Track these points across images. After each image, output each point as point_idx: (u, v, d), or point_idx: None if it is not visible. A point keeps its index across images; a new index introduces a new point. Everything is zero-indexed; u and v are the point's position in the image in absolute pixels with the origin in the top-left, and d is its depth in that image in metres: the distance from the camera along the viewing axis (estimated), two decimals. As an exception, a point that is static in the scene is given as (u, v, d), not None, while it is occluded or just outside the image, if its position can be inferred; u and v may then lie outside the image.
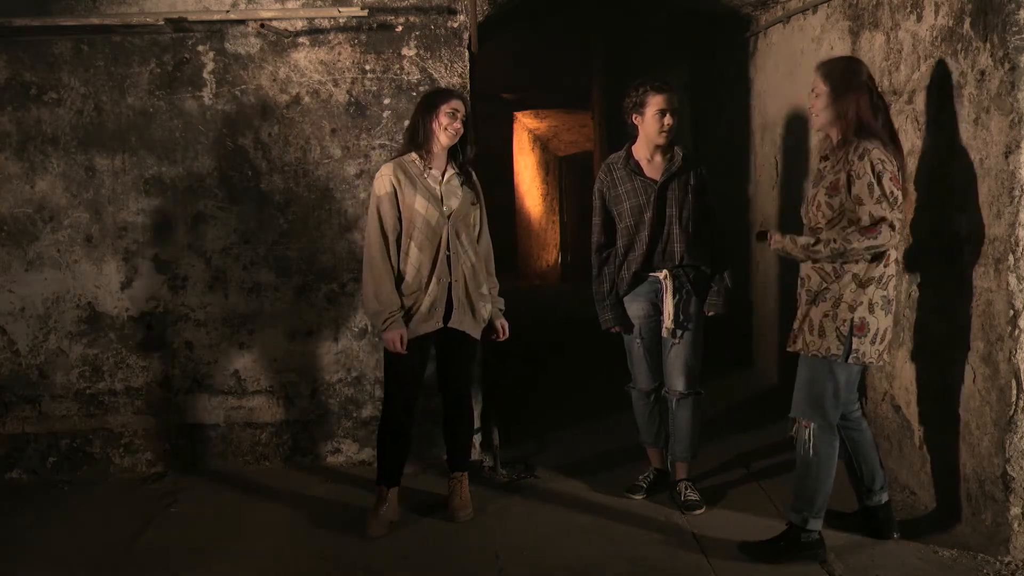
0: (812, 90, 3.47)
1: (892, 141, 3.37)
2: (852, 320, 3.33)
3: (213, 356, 4.62)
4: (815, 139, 4.83)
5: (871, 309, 3.33)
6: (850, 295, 3.33)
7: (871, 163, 3.26)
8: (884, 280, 3.35)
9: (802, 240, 3.42)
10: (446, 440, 4.12)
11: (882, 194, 3.25)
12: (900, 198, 3.29)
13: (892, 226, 3.25)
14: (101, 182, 4.53)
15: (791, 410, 3.51)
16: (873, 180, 3.26)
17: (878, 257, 3.32)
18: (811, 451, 3.42)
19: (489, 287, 4.02)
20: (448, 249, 3.81)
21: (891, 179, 3.26)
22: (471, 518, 3.97)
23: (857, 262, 3.33)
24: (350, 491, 4.31)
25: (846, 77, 3.39)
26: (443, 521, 3.96)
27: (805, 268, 3.47)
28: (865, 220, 3.27)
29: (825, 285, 3.38)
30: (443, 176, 3.86)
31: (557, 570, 3.51)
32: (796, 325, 3.50)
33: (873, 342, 3.35)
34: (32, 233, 4.53)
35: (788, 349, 3.54)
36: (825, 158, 3.47)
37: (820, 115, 3.44)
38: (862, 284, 3.33)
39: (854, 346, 3.33)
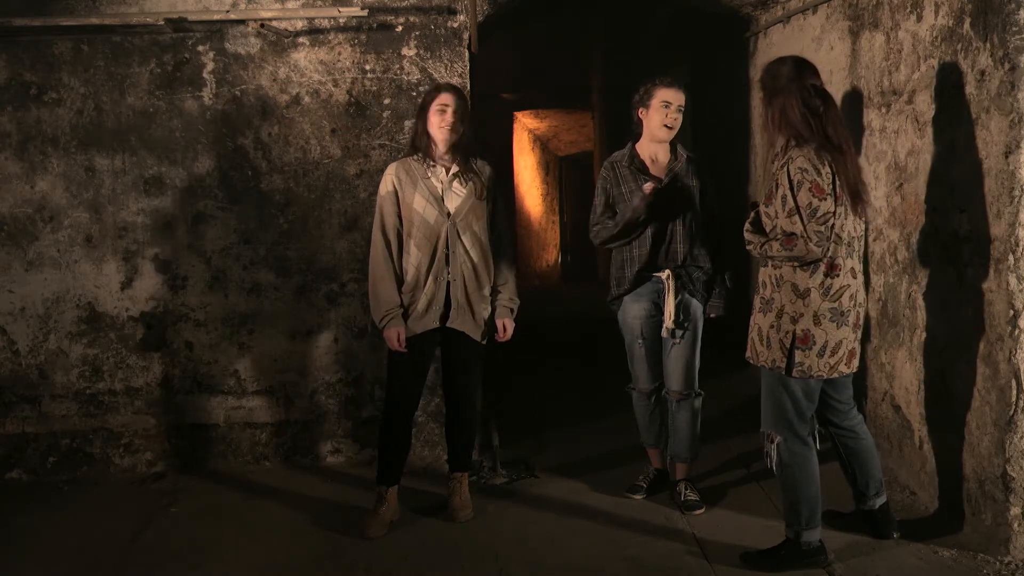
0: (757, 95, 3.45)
1: (832, 144, 3.23)
2: (794, 332, 3.27)
3: (213, 356, 4.62)
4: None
5: (816, 321, 3.25)
6: (791, 306, 3.28)
7: (789, 174, 3.20)
8: (833, 292, 3.26)
9: (745, 232, 3.41)
10: (447, 440, 4.12)
11: (794, 207, 3.17)
12: (824, 207, 3.15)
13: (808, 239, 3.15)
14: (101, 182, 4.53)
15: (761, 424, 3.48)
16: (788, 192, 3.19)
17: (811, 266, 3.23)
18: (780, 465, 3.39)
19: (499, 284, 3.97)
20: (447, 248, 3.80)
21: (811, 189, 3.16)
22: (471, 518, 3.97)
23: (794, 270, 3.27)
24: (350, 491, 4.31)
25: (773, 80, 3.32)
26: (443, 521, 3.96)
27: (762, 275, 3.42)
28: (779, 233, 3.24)
29: (772, 295, 3.35)
30: (448, 173, 3.85)
31: (557, 570, 3.51)
32: (748, 333, 3.47)
33: (821, 355, 3.27)
34: (32, 233, 4.53)
35: (745, 357, 3.51)
36: (772, 163, 3.40)
37: (761, 120, 3.42)
38: (801, 295, 3.26)
39: (797, 359, 3.27)
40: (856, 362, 3.40)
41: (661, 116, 3.95)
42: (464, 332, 3.88)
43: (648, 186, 3.89)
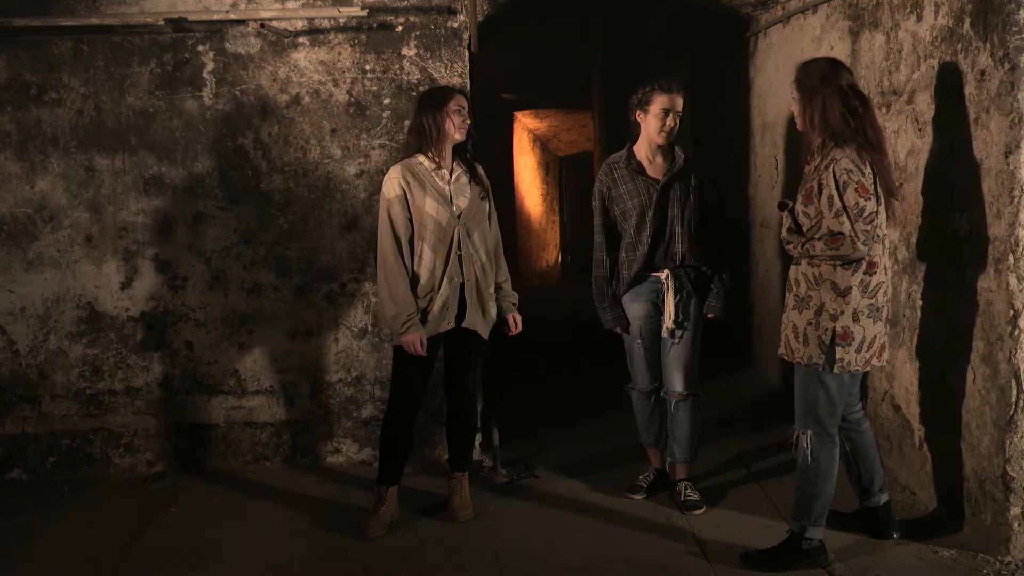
0: (791, 94, 3.47)
1: (871, 144, 3.28)
2: (834, 329, 3.29)
3: (213, 356, 4.62)
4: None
5: (855, 318, 3.29)
6: (831, 304, 3.30)
7: (834, 174, 3.22)
8: (872, 288, 3.30)
9: (784, 233, 3.43)
10: (449, 440, 4.12)
11: (842, 207, 3.20)
12: (870, 207, 3.20)
13: (856, 238, 3.19)
14: (101, 182, 4.53)
15: (795, 420, 3.50)
16: (835, 193, 3.22)
17: (853, 264, 3.27)
18: (808, 458, 3.40)
19: (500, 280, 4.02)
20: (459, 249, 3.81)
21: (857, 189, 3.19)
22: (471, 518, 3.97)
23: (834, 268, 3.29)
24: (350, 491, 4.31)
25: (811, 80, 3.35)
26: (443, 521, 3.96)
27: (794, 272, 3.44)
28: (826, 232, 3.26)
29: (809, 292, 3.36)
30: (451, 175, 3.86)
31: (557, 570, 3.51)
32: (781, 329, 3.49)
33: (859, 350, 3.31)
34: (32, 233, 4.53)
35: (778, 354, 3.54)
36: (807, 162, 3.43)
37: (797, 120, 3.43)
38: (841, 293, 3.28)
39: (838, 355, 3.30)
40: (886, 355, 3.44)
41: (659, 123, 3.95)
42: (473, 331, 3.89)
43: (627, 332, 4.07)
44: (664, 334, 4.01)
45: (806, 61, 3.51)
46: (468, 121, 3.84)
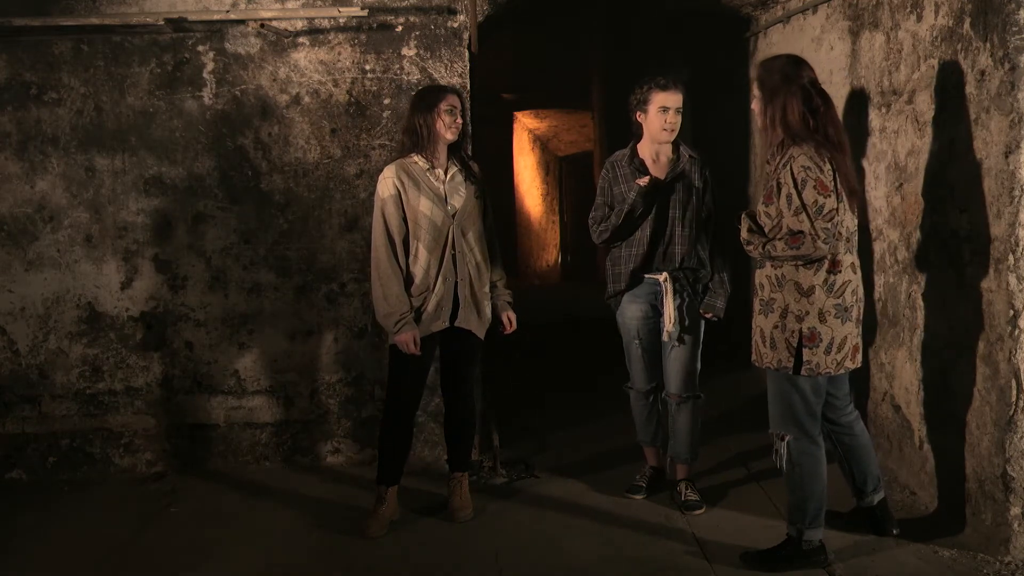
0: (752, 92, 3.45)
1: (831, 142, 3.25)
2: (800, 331, 3.27)
3: (213, 356, 4.62)
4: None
5: (822, 318, 3.26)
6: (795, 305, 3.27)
7: (792, 172, 3.20)
8: (837, 288, 3.27)
9: (744, 233, 3.39)
10: (447, 440, 4.12)
11: (801, 205, 3.18)
12: (829, 204, 3.16)
13: (816, 236, 3.16)
14: (101, 182, 4.53)
15: (769, 425, 3.48)
16: (793, 191, 3.19)
17: (816, 264, 3.24)
18: (790, 464, 3.39)
19: (495, 279, 4.02)
20: (454, 248, 3.81)
21: (816, 187, 3.16)
22: (471, 518, 3.97)
23: (797, 269, 3.27)
24: (350, 491, 4.31)
25: (772, 78, 3.33)
26: (443, 521, 3.96)
27: (759, 276, 3.41)
28: (786, 231, 3.24)
29: (773, 295, 3.34)
30: (446, 174, 3.86)
31: (557, 570, 3.51)
32: (752, 336, 3.47)
33: (828, 352, 3.28)
34: (32, 233, 4.53)
35: (751, 361, 3.50)
36: (768, 162, 3.40)
37: (757, 119, 3.40)
38: (805, 293, 3.26)
39: (805, 357, 3.27)
40: (860, 357, 3.41)
41: (660, 122, 3.94)
42: (468, 330, 3.89)
43: (643, 180, 3.88)
44: (665, 338, 4.00)
45: (767, 59, 3.47)
46: (460, 121, 3.83)
